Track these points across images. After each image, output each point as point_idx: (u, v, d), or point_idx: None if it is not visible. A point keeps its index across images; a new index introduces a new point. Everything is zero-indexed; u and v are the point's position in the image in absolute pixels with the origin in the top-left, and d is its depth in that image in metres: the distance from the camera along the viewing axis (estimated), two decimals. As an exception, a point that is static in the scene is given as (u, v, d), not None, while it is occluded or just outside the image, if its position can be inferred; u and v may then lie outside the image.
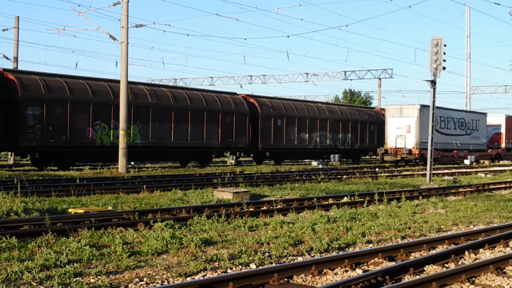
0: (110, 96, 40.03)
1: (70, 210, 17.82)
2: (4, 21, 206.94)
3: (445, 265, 11.79)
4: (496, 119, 70.36)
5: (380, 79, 78.24)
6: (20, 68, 49.92)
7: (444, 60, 32.60)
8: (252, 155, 56.37)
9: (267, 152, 53.90)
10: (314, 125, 56.99)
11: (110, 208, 18.88)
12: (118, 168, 36.05)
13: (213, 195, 22.80)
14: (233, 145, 49.28)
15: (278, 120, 52.82)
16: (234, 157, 54.85)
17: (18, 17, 54.15)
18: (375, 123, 64.53)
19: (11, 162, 48.45)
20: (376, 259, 11.89)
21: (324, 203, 21.42)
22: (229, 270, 10.97)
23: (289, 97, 61.91)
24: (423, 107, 53.90)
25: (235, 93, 52.98)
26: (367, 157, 69.59)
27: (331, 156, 56.91)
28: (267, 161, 56.89)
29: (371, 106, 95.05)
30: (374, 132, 64.07)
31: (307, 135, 56.04)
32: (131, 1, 35.81)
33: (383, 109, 65.08)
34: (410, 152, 54.41)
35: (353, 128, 61.75)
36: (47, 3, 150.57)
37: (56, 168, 38.57)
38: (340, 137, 60.12)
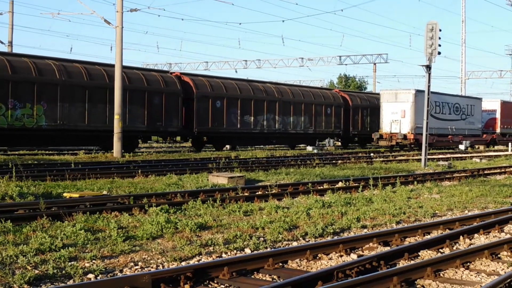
0: (8, 72, 35.54)
1: (65, 194, 17.81)
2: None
3: (440, 250, 11.81)
4: (491, 104, 70.51)
5: (375, 64, 78.50)
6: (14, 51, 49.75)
7: (440, 45, 32.56)
8: (191, 141, 51.37)
9: (205, 137, 49.00)
10: (261, 107, 51.86)
11: (105, 192, 18.87)
12: (113, 152, 35.98)
13: (208, 179, 22.79)
14: (162, 129, 44.12)
15: (217, 102, 47.78)
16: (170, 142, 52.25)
17: (13, 1, 54.05)
18: (332, 106, 59.20)
19: None
20: (371, 244, 11.91)
21: (319, 188, 21.43)
22: (224, 255, 10.98)
23: (236, 78, 55.08)
24: (418, 92, 53.97)
25: (167, 71, 48.65)
26: (324, 143, 64.44)
27: (326, 140, 56.97)
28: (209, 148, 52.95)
29: (367, 91, 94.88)
30: (331, 116, 58.97)
31: (252, 118, 50.91)
32: (126, -15, 35.62)
33: (344, 91, 65.72)
34: (405, 137, 54.52)
35: (306, 111, 56.46)
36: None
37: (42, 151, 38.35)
38: (292, 120, 54.80)
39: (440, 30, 32.53)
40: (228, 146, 52.70)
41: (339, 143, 66.17)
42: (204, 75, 52.43)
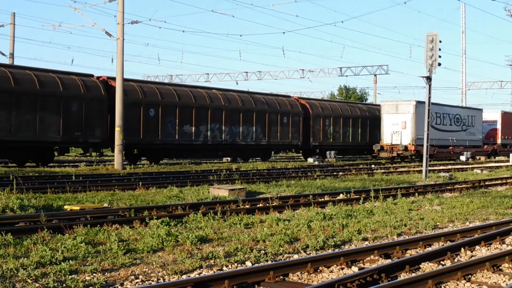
0: None
1: (65, 207, 17.82)
2: (0, 18, 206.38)
3: (441, 262, 11.79)
4: (492, 115, 70.46)
5: (375, 75, 78.52)
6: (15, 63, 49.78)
7: (440, 56, 32.57)
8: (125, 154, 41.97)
9: (135, 149, 43.15)
10: (204, 116, 45.89)
11: (106, 205, 18.87)
12: (114, 164, 35.99)
13: (209, 192, 22.77)
14: (82, 140, 38.59)
15: (150, 110, 41.95)
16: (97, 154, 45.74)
17: (14, 13, 54.25)
18: (289, 114, 53.47)
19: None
20: (372, 256, 11.89)
21: (320, 200, 21.43)
22: (224, 268, 10.96)
23: (176, 83, 50.56)
24: (419, 103, 53.97)
25: (91, 75, 41.18)
26: (281, 154, 61.70)
27: (327, 152, 56.74)
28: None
29: (368, 103, 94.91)
30: (288, 125, 53.23)
31: (193, 128, 44.88)
32: (126, -3, 35.68)
33: (304, 99, 60.01)
34: (406, 148, 54.47)
35: (259, 120, 50.50)
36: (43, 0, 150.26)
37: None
38: (241, 130, 48.90)
39: (440, 41, 32.55)
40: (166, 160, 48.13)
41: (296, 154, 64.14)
42: (135, 79, 45.43)
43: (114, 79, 39.09)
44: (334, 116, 58.69)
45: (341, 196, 22.79)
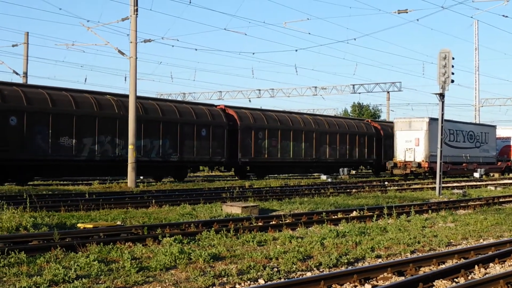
0: None
1: (79, 225, 17.85)
2: (14, 37, 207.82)
3: (455, 280, 11.74)
4: (505, 131, 70.26)
5: (388, 92, 78.36)
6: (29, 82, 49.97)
7: (453, 73, 32.55)
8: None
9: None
10: (91, 126, 37.97)
11: (119, 223, 18.88)
12: (127, 182, 36.04)
13: (222, 209, 22.77)
14: None
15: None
16: None
17: (28, 32, 54.50)
18: (210, 126, 45.40)
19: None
20: (385, 274, 11.85)
21: (333, 217, 21.38)
22: (237, 286, 10.95)
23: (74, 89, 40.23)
24: (432, 120, 53.86)
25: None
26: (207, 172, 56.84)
27: (340, 170, 56.62)
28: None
29: (380, 119, 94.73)
30: (209, 139, 45.06)
31: (74, 141, 36.74)
32: (139, 16, 35.89)
33: (232, 107, 50.15)
34: (419, 165, 54.30)
35: (167, 132, 42.53)
36: (56, 19, 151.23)
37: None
38: (142, 144, 40.52)
39: (453, 58, 32.54)
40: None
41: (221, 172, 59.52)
42: (30, 85, 39.49)
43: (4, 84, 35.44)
44: (269, 128, 50.30)
45: (354, 213, 22.74)
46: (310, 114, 59.11)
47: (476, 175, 58.97)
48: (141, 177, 45.70)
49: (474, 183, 46.99)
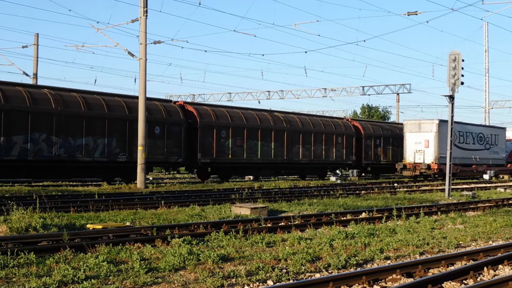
0: None
1: (88, 225, 17.89)
2: (24, 38, 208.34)
3: (464, 281, 11.72)
4: (515, 133, 70.09)
5: (398, 94, 78.21)
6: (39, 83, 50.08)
7: (462, 75, 32.53)
8: None
9: None
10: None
11: (128, 223, 18.92)
12: (136, 183, 36.08)
13: (231, 210, 22.77)
14: None
15: None
16: None
17: (38, 34, 54.60)
18: (165, 124, 41.14)
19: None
20: (394, 275, 11.84)
21: (342, 218, 21.38)
22: (246, 287, 10.96)
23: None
24: (442, 122, 53.82)
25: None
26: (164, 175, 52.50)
27: (350, 171, 56.55)
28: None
29: (390, 121, 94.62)
30: (163, 138, 40.80)
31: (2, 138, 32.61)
32: (149, 17, 35.97)
33: (191, 104, 46.69)
34: (428, 167, 54.23)
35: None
36: (66, 20, 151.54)
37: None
38: (84, 142, 36.54)
39: (463, 60, 32.51)
40: None
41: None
42: None
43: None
44: (234, 127, 46.29)
45: (363, 215, 22.73)
46: (282, 111, 53.95)
47: (486, 177, 58.87)
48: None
49: (484, 185, 46.91)
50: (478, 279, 11.94)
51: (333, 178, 52.73)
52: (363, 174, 61.42)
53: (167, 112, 41.75)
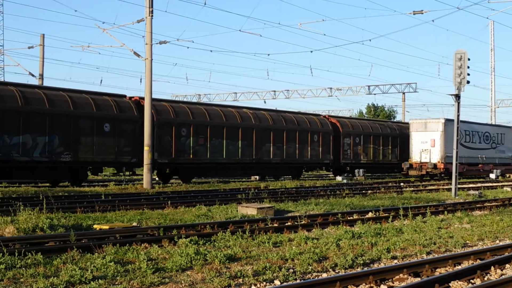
0: None
1: (95, 226, 17.91)
2: (30, 39, 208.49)
3: (471, 281, 11.71)
4: (521, 132, 69.91)
5: (404, 93, 78.12)
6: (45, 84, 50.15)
7: (468, 74, 32.48)
8: None
9: None
10: None
11: (135, 224, 18.94)
12: (143, 184, 36.11)
13: (237, 210, 22.78)
14: None
15: None
16: None
17: (44, 34, 54.76)
18: (113, 120, 38.01)
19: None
20: (401, 275, 11.83)
21: (348, 218, 21.37)
22: (253, 287, 10.96)
23: None
24: (448, 121, 53.76)
25: None
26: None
27: (356, 171, 56.43)
28: None
29: (396, 119, 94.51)
30: (114, 136, 37.76)
31: None
32: (155, 18, 36.01)
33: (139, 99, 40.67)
34: (435, 166, 54.17)
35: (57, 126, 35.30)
36: (72, 21, 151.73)
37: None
38: (21, 141, 33.65)
39: (468, 59, 32.47)
40: None
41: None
42: None
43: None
44: (196, 124, 42.96)
45: (370, 215, 22.72)
46: (251, 108, 50.52)
47: (492, 176, 58.78)
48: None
49: (490, 184, 46.83)
50: (485, 279, 11.92)
51: (339, 178, 52.68)
52: (346, 174, 57.57)
53: (118, 108, 38.58)
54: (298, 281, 11.37)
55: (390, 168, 63.34)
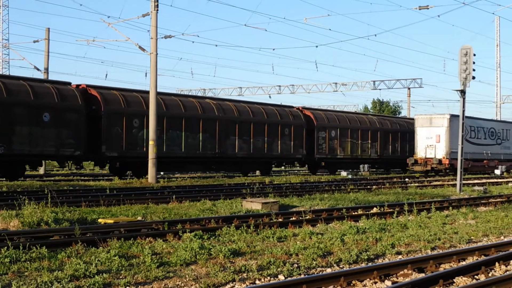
0: None
1: (100, 220, 17.93)
2: (35, 33, 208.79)
3: (475, 276, 11.70)
4: (527, 128, 69.79)
5: (409, 88, 77.97)
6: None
7: (474, 70, 32.42)
8: None
9: None
10: None
11: (139, 218, 18.95)
12: (148, 178, 36.13)
13: (242, 205, 22.79)
14: None
15: None
16: None
17: (49, 28, 54.68)
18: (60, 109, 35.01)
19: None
20: (405, 270, 11.82)
21: (353, 213, 21.36)
22: (257, 281, 10.96)
23: None
24: (453, 117, 53.67)
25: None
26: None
27: (361, 166, 56.34)
28: None
29: (401, 115, 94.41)
30: (55, 127, 34.80)
31: None
32: (160, 12, 35.97)
33: (94, 88, 38.32)
34: (440, 162, 54.13)
35: None
36: (77, 15, 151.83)
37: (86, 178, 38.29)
38: None
39: (474, 55, 32.41)
40: None
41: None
42: None
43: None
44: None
45: (374, 210, 22.71)
46: (214, 98, 48.17)
47: (497, 172, 58.70)
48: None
49: (495, 180, 46.81)
50: (490, 275, 11.91)
51: (344, 173, 52.63)
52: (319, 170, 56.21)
53: (60, 96, 35.14)
54: (302, 276, 11.37)
55: (371, 164, 59.48)
